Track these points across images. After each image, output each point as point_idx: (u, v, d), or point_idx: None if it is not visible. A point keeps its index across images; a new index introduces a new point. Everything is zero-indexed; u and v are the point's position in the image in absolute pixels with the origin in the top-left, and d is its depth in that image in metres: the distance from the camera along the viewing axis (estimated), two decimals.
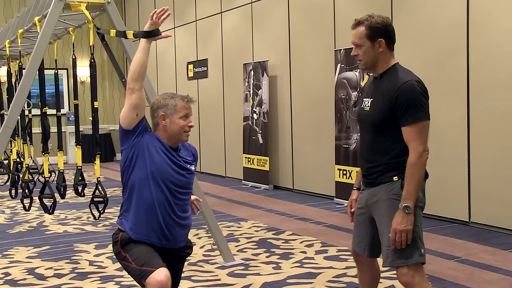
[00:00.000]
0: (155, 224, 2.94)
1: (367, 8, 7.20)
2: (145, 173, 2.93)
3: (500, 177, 5.81)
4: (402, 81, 2.83)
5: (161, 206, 2.94)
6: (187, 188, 3.08)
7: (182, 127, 2.97)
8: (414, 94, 2.80)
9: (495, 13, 5.79)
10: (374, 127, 2.93)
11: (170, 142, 3.01)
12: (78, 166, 5.61)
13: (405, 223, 2.76)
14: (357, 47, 2.94)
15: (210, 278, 4.61)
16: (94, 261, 5.18)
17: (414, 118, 2.78)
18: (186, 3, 11.93)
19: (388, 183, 2.89)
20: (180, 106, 2.96)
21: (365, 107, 3.00)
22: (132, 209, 2.96)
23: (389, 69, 2.94)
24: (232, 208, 7.69)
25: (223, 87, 10.78)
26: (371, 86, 3.06)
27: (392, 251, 2.83)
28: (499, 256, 5.00)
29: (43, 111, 5.31)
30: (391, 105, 2.82)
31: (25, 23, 5.78)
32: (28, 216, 7.34)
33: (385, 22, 2.94)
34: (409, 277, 2.81)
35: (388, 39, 2.94)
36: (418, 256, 2.82)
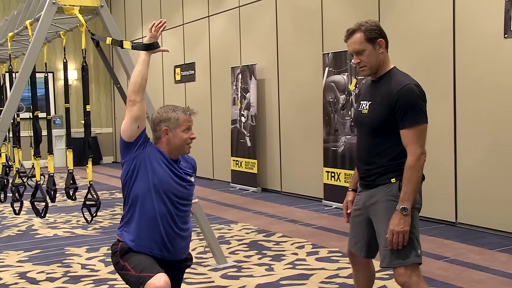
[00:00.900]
0: (157, 236, 2.93)
1: (355, 12, 7.28)
2: (147, 185, 2.92)
3: (486, 179, 5.89)
4: (402, 85, 2.85)
5: (163, 218, 2.93)
6: (188, 200, 3.09)
7: (184, 140, 2.97)
8: (413, 98, 2.83)
9: (481, 18, 5.87)
10: (373, 129, 2.95)
11: (171, 155, 3.01)
12: (69, 170, 5.59)
13: (402, 224, 2.79)
14: (358, 54, 2.93)
15: (203, 280, 4.61)
16: (86, 265, 5.15)
17: (413, 121, 2.81)
18: (173, 6, 11.92)
19: (386, 184, 2.92)
20: (182, 120, 2.96)
21: (363, 109, 3.02)
22: (134, 221, 2.95)
23: (387, 72, 2.97)
24: (221, 210, 7.70)
25: (211, 91, 10.78)
26: (369, 89, 3.08)
27: (390, 251, 2.85)
28: (486, 255, 5.07)
29: (35, 114, 5.28)
30: (390, 108, 2.85)
31: (15, 27, 5.75)
32: (17, 220, 7.27)
33: (378, 24, 2.99)
34: (406, 277, 2.84)
35: (386, 40, 2.97)
36: (415, 256, 2.84)
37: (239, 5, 9.75)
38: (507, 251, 5.21)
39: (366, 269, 3.25)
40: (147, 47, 3.00)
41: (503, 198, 5.73)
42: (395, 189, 2.89)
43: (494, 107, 5.79)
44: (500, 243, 5.45)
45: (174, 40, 11.98)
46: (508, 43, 5.61)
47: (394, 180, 2.90)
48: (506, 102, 5.67)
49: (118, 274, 3.01)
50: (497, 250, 5.24)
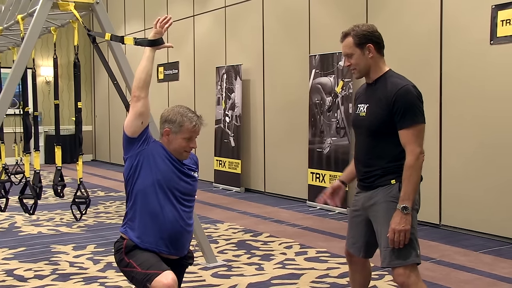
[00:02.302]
0: (164, 232, 2.92)
1: (342, 15, 7.36)
2: (151, 181, 2.91)
3: (469, 182, 6.01)
4: (399, 86, 2.91)
5: (170, 214, 2.93)
6: (192, 196, 3.09)
7: (182, 148, 2.96)
8: (411, 98, 2.89)
9: (468, 24, 5.99)
10: (371, 131, 2.98)
11: (173, 154, 3.01)
12: (57, 167, 5.54)
13: (403, 223, 2.83)
14: (348, 57, 3.02)
15: (195, 279, 4.62)
16: (74, 263, 5.11)
17: (412, 122, 2.86)
18: (157, 5, 11.88)
19: (385, 186, 2.95)
20: (186, 128, 2.93)
21: (360, 112, 3.06)
22: (138, 218, 2.94)
23: (383, 75, 3.02)
24: (206, 210, 7.70)
25: (195, 90, 10.77)
26: (365, 92, 3.12)
27: (390, 252, 2.89)
28: (471, 257, 5.17)
29: (26, 110, 5.22)
30: (388, 109, 2.89)
31: (4, 21, 5.68)
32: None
33: (371, 29, 3.02)
34: (405, 277, 2.88)
35: (377, 44, 3.01)
36: (415, 256, 2.90)
37: (225, 5, 9.76)
38: (490, 252, 5.32)
39: (363, 269, 3.30)
40: (152, 43, 3.00)
41: (486, 201, 5.86)
42: (395, 190, 2.93)
43: (479, 111, 5.91)
44: (484, 245, 5.57)
45: None
46: (494, 49, 5.73)
47: (394, 182, 2.94)
48: (491, 106, 5.80)
49: (122, 271, 3.00)
50: (481, 251, 5.35)
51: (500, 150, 5.74)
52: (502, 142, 5.72)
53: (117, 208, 7.95)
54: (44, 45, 13.65)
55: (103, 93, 14.56)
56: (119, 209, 7.90)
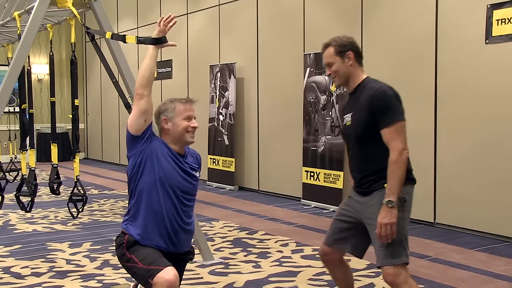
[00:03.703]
0: (162, 229, 2.96)
1: (337, 13, 7.38)
2: (153, 179, 2.94)
3: (464, 181, 6.06)
4: (375, 89, 3.04)
5: (169, 212, 2.97)
6: (193, 195, 3.12)
7: (184, 128, 3.00)
8: (388, 98, 3.01)
9: (463, 23, 6.03)
10: (358, 137, 3.10)
11: (176, 147, 3.04)
12: (53, 164, 5.53)
13: (389, 216, 2.92)
14: (329, 66, 3.16)
15: (192, 276, 4.62)
16: (71, 260, 5.10)
17: (391, 120, 2.98)
18: (150, 3, 11.85)
19: (379, 190, 3.04)
20: (180, 109, 3.00)
21: (347, 122, 3.19)
22: (140, 215, 2.98)
23: (361, 82, 3.16)
24: (200, 208, 7.69)
25: (188, 88, 10.77)
26: (349, 102, 3.25)
27: (383, 252, 2.99)
28: (466, 255, 5.22)
29: (22, 107, 5.20)
30: (370, 113, 3.01)
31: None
32: None
33: (351, 39, 3.18)
34: (394, 276, 2.98)
35: (356, 53, 3.15)
36: (405, 256, 3.00)
37: (219, 4, 9.76)
38: (485, 250, 5.37)
39: (341, 265, 3.40)
40: (156, 42, 3.01)
41: (480, 199, 5.90)
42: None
43: (474, 110, 5.95)
44: (478, 243, 5.62)
45: None
46: (489, 49, 5.78)
47: (387, 185, 3.01)
48: (485, 105, 5.85)
49: (123, 266, 3.01)
50: (476, 249, 5.40)
51: (494, 149, 5.79)
52: (496, 141, 5.77)
53: (111, 206, 7.93)
54: (35, 42, 13.54)
55: (95, 91, 14.51)
56: (113, 207, 7.88)
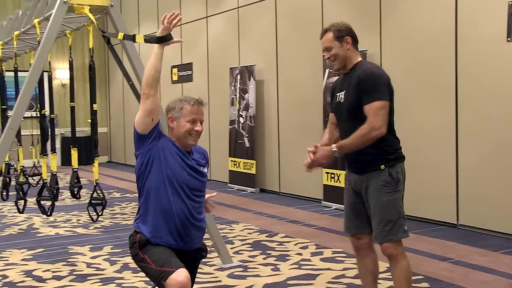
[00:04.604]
0: (172, 227, 2.95)
1: (355, 14, 7.32)
2: (161, 177, 2.94)
3: (487, 181, 5.94)
4: (364, 69, 3.26)
5: (178, 209, 2.95)
6: (202, 191, 3.10)
7: (187, 130, 2.97)
8: (374, 77, 3.20)
9: (482, 21, 5.92)
10: (350, 114, 3.27)
11: (182, 145, 3.03)
12: (74, 168, 5.57)
13: (324, 158, 3.21)
14: (328, 50, 3.34)
15: (210, 279, 4.62)
16: (91, 263, 5.14)
17: (373, 98, 3.17)
18: (170, 6, 11.89)
19: (376, 171, 3.24)
20: (186, 110, 2.97)
21: (340, 100, 3.37)
22: (150, 213, 2.98)
23: (355, 64, 3.34)
24: (221, 210, 7.69)
25: (208, 91, 10.79)
26: (342, 82, 3.41)
27: (381, 229, 3.24)
28: (490, 257, 5.10)
29: (42, 113, 5.25)
30: (359, 91, 3.21)
31: (21, 25, 5.72)
32: (17, 219, 7.23)
33: (348, 25, 3.38)
34: (392, 249, 3.26)
35: (353, 38, 3.35)
36: (403, 232, 3.26)
37: (238, 6, 9.76)
38: (510, 253, 5.24)
39: (371, 252, 3.50)
40: (160, 40, 2.97)
41: (504, 200, 5.78)
42: (385, 175, 3.24)
43: (496, 109, 5.84)
44: (503, 245, 5.49)
45: None
46: (511, 47, 5.66)
47: (383, 167, 3.24)
48: (507, 104, 5.73)
49: (137, 265, 3.03)
50: (500, 252, 5.28)
51: None
52: None
53: (133, 210, 7.97)
54: (59, 48, 13.72)
55: (117, 95, 14.64)
56: (134, 210, 7.92)
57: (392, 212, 3.24)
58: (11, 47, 6.14)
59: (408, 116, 6.55)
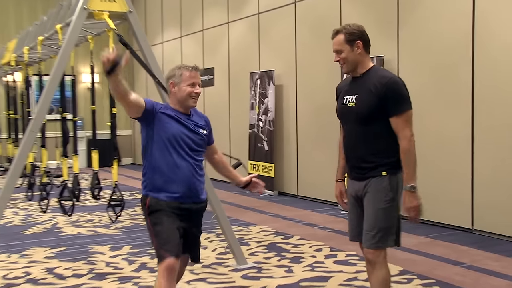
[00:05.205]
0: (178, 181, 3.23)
1: (373, 20, 7.30)
2: (162, 141, 3.21)
3: (502, 187, 5.88)
4: (387, 78, 3.13)
5: (181, 166, 3.23)
6: (201, 150, 3.37)
7: (188, 93, 3.26)
8: (399, 88, 3.12)
9: (500, 28, 5.87)
10: (361, 119, 3.18)
11: (181, 109, 3.30)
12: (94, 170, 5.66)
13: (414, 200, 3.11)
14: (338, 53, 3.22)
15: (225, 280, 4.65)
16: (110, 263, 5.21)
17: (402, 109, 3.10)
18: (193, 12, 12.01)
19: (377, 177, 3.17)
20: (185, 75, 3.26)
21: (349, 103, 3.25)
22: (157, 174, 3.24)
23: (369, 69, 3.22)
24: (239, 213, 7.73)
25: (229, 95, 10.85)
26: (351, 85, 3.28)
27: (374, 235, 3.17)
28: (504, 262, 5.05)
29: (63, 116, 5.35)
30: (378, 98, 3.10)
31: (45, 31, 5.84)
32: (42, 218, 7.37)
33: (360, 28, 3.23)
34: (375, 256, 3.21)
35: (365, 42, 3.22)
36: (392, 241, 3.20)
37: (259, 12, 9.81)
38: None
39: None
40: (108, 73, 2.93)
41: None
42: (386, 182, 3.16)
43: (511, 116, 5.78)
44: None
45: (193, 45, 12.06)
46: None
47: (385, 173, 3.16)
48: None
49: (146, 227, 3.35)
50: None
51: None
52: None
53: None
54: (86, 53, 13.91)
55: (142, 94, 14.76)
56: None
57: (385, 220, 3.15)
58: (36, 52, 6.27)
59: (424, 122, 6.51)
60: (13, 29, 13.53)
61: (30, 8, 14.04)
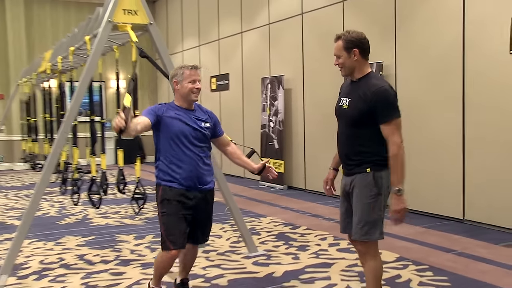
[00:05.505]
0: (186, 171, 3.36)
1: (374, 28, 7.28)
2: (169, 138, 3.34)
3: (491, 180, 5.84)
4: (378, 86, 3.05)
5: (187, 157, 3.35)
6: (205, 143, 3.46)
7: (190, 89, 3.39)
8: (389, 97, 3.04)
9: (489, 33, 5.82)
10: (351, 122, 3.15)
11: (185, 104, 3.43)
12: (120, 167, 5.70)
13: (400, 203, 3.01)
14: (337, 57, 3.19)
15: (237, 266, 4.68)
16: (134, 250, 5.26)
17: (391, 117, 3.02)
18: (210, 23, 12.05)
19: (362, 173, 3.11)
20: (186, 74, 3.39)
21: (343, 105, 3.23)
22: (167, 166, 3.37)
23: (365, 75, 3.16)
24: (252, 205, 7.76)
25: (243, 98, 10.87)
26: (349, 88, 3.26)
27: (361, 228, 3.12)
28: (491, 249, 5.03)
29: (91, 118, 5.41)
30: (367, 105, 3.04)
31: (75, 42, 5.90)
32: (74, 210, 7.45)
33: (359, 36, 3.15)
34: (365, 247, 3.18)
35: (362, 50, 3.14)
36: (378, 234, 3.13)
37: (269, 22, 9.81)
38: (510, 245, 5.14)
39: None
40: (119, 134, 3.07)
41: (507, 198, 5.67)
42: (369, 178, 3.09)
43: (499, 115, 5.73)
44: (504, 239, 5.39)
45: (210, 53, 12.10)
46: None
47: (369, 170, 3.09)
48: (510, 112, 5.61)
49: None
50: (501, 245, 5.19)
51: None
52: None
53: None
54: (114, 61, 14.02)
55: (165, 99, 14.86)
56: None
57: (371, 214, 3.09)
58: (68, 61, 6.34)
59: (420, 123, 6.48)
60: (50, 40, 13.69)
61: (65, 21, 14.19)
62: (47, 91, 8.95)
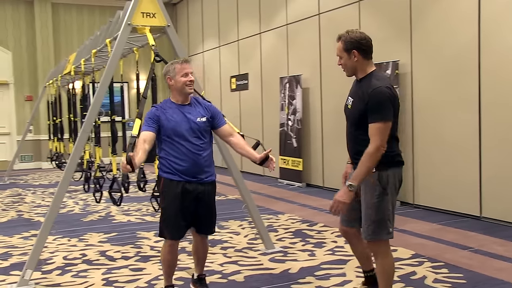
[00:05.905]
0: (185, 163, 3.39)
1: (390, 27, 7.20)
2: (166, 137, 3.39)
3: (508, 177, 5.72)
4: (374, 87, 3.00)
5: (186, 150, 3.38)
6: (202, 135, 3.46)
7: (183, 82, 3.41)
8: (382, 99, 2.97)
9: (504, 32, 5.71)
10: (354, 122, 3.15)
11: (181, 98, 3.45)
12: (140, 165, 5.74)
13: (345, 196, 2.99)
14: (339, 58, 3.20)
15: (254, 263, 4.68)
16: (154, 247, 5.30)
17: (377, 118, 2.96)
18: (229, 24, 12.06)
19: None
20: (178, 68, 3.41)
21: (348, 104, 3.25)
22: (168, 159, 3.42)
23: (367, 75, 3.12)
24: (270, 202, 7.75)
25: (262, 98, 10.86)
26: (354, 88, 3.26)
27: (368, 228, 3.10)
28: (508, 247, 4.93)
29: (112, 118, 5.46)
30: (364, 106, 3.02)
31: (97, 44, 5.97)
32: (98, 207, 7.55)
33: (358, 37, 3.09)
34: (376, 247, 3.15)
35: (362, 50, 3.09)
36: (386, 234, 3.09)
37: (287, 23, 9.78)
38: None
39: (360, 239, 3.37)
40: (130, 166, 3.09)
41: None
42: (375, 178, 3.05)
43: None
44: None
45: (230, 54, 12.12)
46: None
47: (374, 170, 3.03)
48: None
49: None
50: None
51: None
52: None
53: None
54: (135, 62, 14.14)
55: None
56: None
57: (377, 213, 3.05)
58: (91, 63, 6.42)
59: (436, 121, 6.39)
60: (75, 43, 13.88)
61: (90, 25, 14.36)
62: (72, 92, 9.07)
